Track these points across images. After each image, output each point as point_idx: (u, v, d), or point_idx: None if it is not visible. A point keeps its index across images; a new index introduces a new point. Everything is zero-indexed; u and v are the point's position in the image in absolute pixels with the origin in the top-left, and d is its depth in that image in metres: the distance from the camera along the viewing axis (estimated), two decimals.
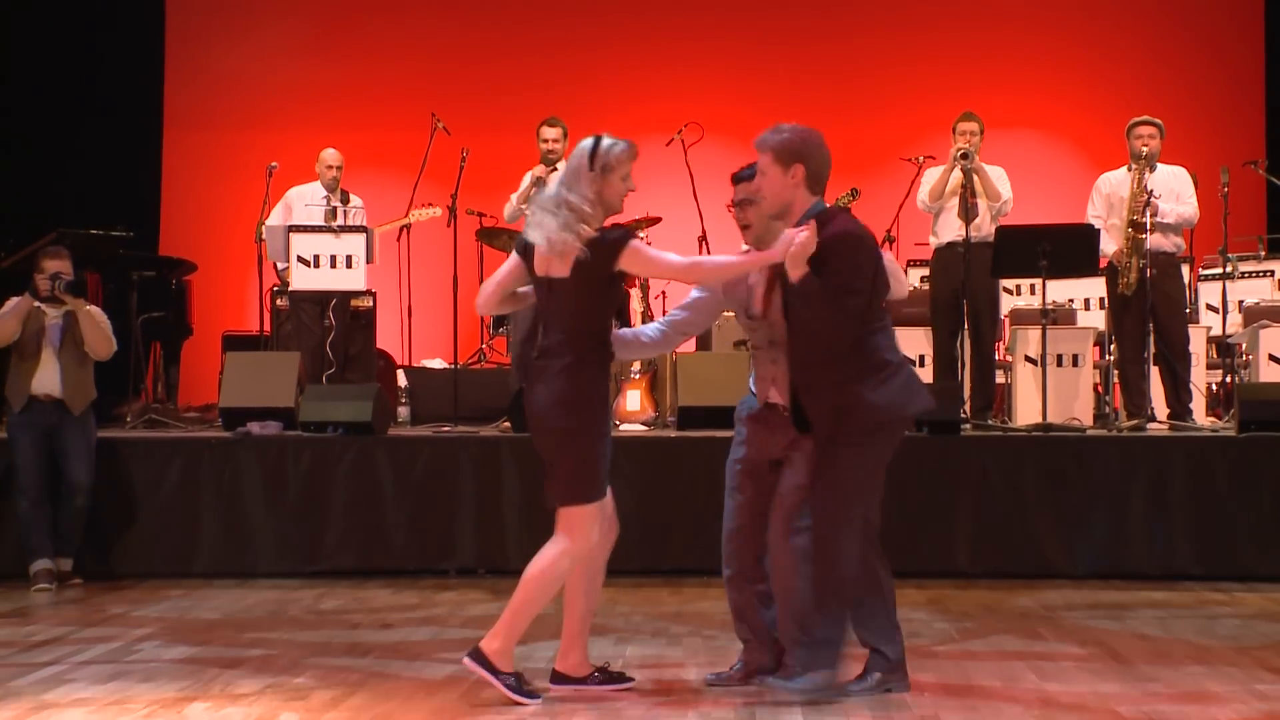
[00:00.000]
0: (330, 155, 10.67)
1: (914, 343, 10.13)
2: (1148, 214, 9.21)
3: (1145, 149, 9.37)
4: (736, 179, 5.52)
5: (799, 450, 5.31)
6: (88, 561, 8.32)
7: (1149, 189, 9.29)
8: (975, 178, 9.63)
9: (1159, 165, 9.48)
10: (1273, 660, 6.07)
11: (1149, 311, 9.27)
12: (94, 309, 8.46)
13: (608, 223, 5.35)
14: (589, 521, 5.26)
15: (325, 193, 10.59)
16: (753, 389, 5.51)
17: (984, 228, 9.61)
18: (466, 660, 5.30)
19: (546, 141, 9.98)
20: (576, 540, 5.26)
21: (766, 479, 5.41)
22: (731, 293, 5.51)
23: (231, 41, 14.02)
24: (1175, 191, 9.46)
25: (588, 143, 5.32)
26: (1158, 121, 9.49)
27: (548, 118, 10.11)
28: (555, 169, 9.71)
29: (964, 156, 9.60)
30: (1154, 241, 9.28)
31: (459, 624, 6.97)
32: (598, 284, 5.24)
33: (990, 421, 9.47)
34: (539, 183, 9.76)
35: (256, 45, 14.03)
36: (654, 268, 5.48)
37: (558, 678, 5.43)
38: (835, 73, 13.87)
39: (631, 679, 5.51)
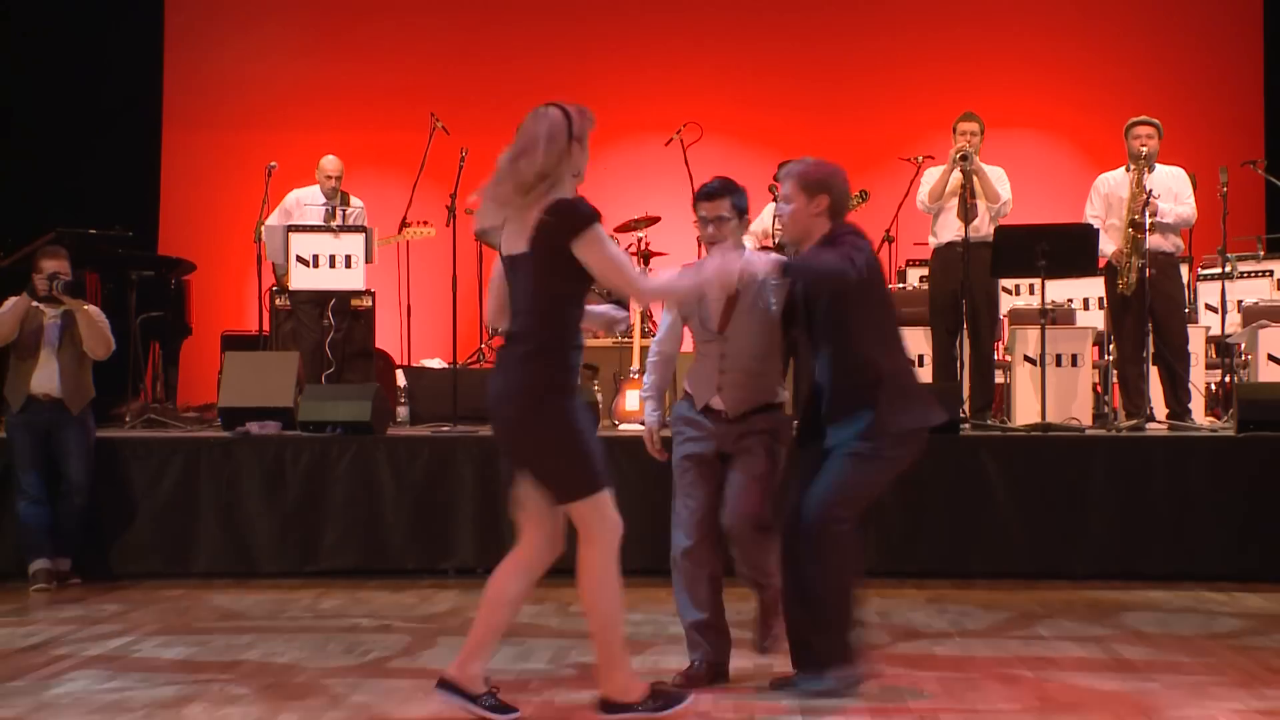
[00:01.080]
0: (330, 164, 10.62)
1: (913, 343, 10.14)
2: (1147, 214, 9.21)
3: (1144, 149, 9.37)
4: (706, 195, 5.62)
5: (747, 446, 5.54)
6: (87, 561, 8.32)
7: (1148, 189, 9.30)
8: (974, 178, 9.63)
9: (1157, 165, 9.48)
10: (1272, 660, 6.07)
11: (1148, 311, 9.28)
12: (92, 308, 8.45)
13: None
14: (597, 513, 4.93)
15: (325, 199, 10.56)
16: (689, 391, 5.70)
17: (983, 228, 9.61)
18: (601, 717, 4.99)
19: None
20: (596, 536, 4.94)
21: (716, 472, 5.62)
22: (685, 305, 5.65)
23: (231, 41, 14.04)
24: (1173, 192, 9.46)
25: (557, 114, 5.05)
26: (1156, 122, 9.49)
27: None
28: None
29: (963, 158, 9.60)
30: (1153, 242, 9.28)
31: (458, 624, 6.96)
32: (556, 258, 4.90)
33: (989, 421, 9.47)
34: None
35: (256, 45, 14.05)
36: (605, 265, 4.91)
37: (447, 685, 4.97)
38: (835, 72, 13.89)
39: (516, 710, 5.04)
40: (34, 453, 8.21)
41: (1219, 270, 10.44)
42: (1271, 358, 9.72)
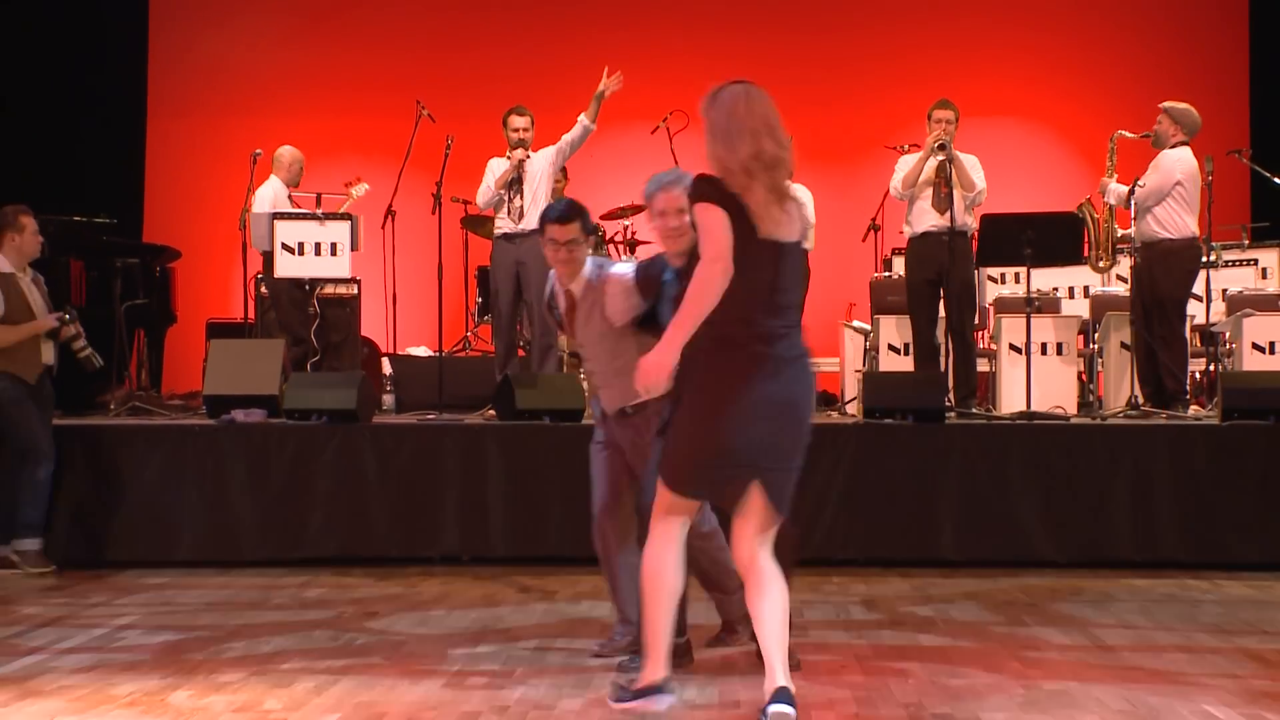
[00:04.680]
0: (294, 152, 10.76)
1: (896, 332, 10.15)
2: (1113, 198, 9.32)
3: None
4: (558, 218, 5.51)
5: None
6: (71, 549, 8.30)
7: (1136, 180, 9.34)
8: (950, 167, 9.61)
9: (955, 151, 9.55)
10: (1255, 646, 6.09)
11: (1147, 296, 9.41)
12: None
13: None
14: None
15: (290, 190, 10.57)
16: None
17: (958, 217, 9.56)
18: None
19: (517, 131, 9.93)
20: None
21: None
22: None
23: (216, 28, 13.99)
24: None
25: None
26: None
27: (514, 106, 10.07)
28: (529, 156, 9.74)
29: (941, 148, 9.56)
30: (1147, 230, 9.34)
31: (442, 612, 6.96)
32: None
33: (974, 410, 9.47)
34: (521, 166, 9.76)
35: (241, 32, 14.01)
36: None
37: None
38: (821, 60, 13.87)
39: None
40: (41, 426, 8.16)
41: (1204, 259, 10.44)
42: (1255, 346, 9.75)
